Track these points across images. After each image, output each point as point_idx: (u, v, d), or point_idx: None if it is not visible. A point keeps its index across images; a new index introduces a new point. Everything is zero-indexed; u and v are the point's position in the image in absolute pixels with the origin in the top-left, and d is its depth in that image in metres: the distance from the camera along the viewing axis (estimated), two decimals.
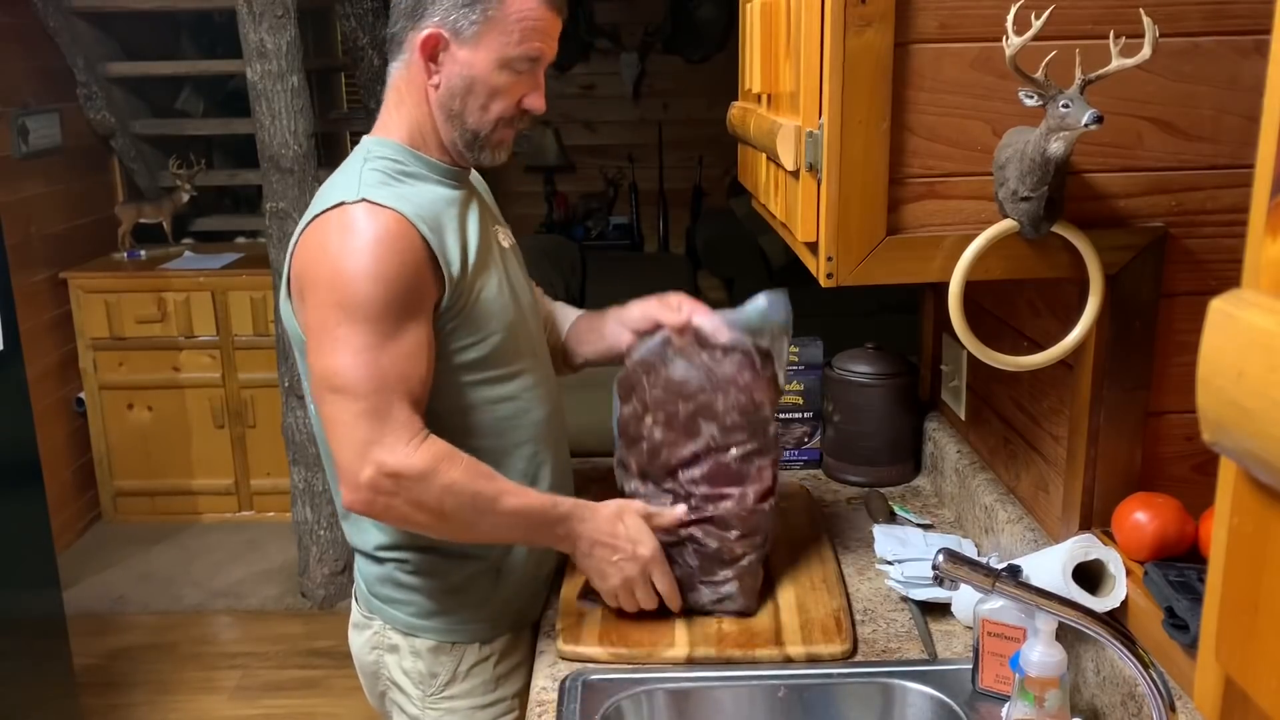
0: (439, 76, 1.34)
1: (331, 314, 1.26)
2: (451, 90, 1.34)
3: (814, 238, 1.22)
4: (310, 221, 1.31)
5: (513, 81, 1.34)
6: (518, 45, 1.32)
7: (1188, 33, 1.14)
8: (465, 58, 1.32)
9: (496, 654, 1.48)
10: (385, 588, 1.46)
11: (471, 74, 1.33)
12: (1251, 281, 0.45)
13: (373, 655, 1.50)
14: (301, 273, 1.31)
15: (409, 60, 1.35)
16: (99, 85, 4.05)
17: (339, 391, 1.26)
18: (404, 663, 1.47)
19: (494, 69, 1.33)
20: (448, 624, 1.45)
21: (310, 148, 3.27)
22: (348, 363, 1.25)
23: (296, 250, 1.32)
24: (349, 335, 1.25)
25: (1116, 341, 1.23)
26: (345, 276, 1.26)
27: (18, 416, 2.49)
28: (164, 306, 3.96)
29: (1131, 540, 1.20)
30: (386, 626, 1.47)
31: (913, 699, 1.32)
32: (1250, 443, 0.42)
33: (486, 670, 1.48)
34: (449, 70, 1.33)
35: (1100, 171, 1.18)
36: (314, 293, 1.28)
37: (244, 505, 4.14)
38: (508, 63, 1.33)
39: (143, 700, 3.09)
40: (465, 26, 1.31)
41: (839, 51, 1.14)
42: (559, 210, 6.05)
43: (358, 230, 1.26)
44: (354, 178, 1.32)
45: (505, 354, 1.40)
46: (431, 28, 1.32)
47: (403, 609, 1.46)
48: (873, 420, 1.89)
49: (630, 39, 5.98)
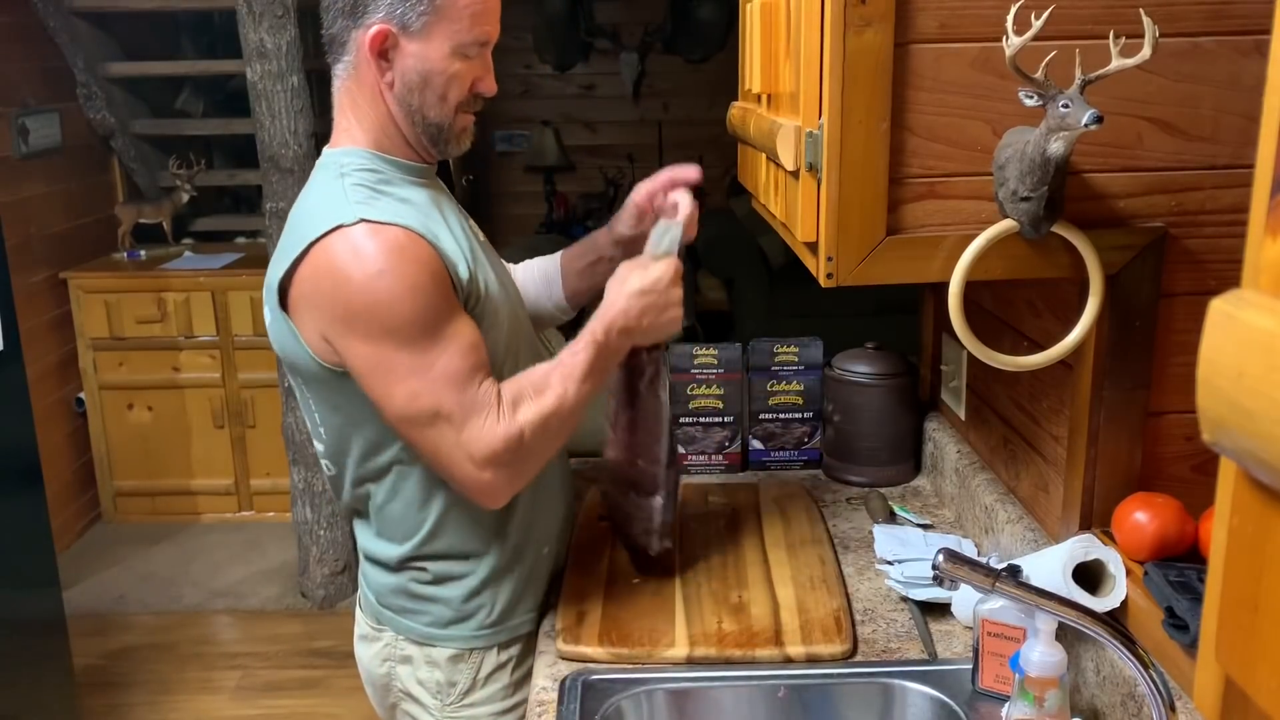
0: (392, 73, 1.30)
1: (384, 345, 1.24)
2: (408, 85, 1.31)
3: (814, 238, 1.22)
4: (310, 246, 1.26)
5: (465, 67, 1.32)
6: (469, 31, 1.30)
7: (1188, 33, 1.14)
8: (417, 50, 1.29)
9: (514, 658, 1.47)
10: (399, 599, 1.45)
11: (426, 66, 1.30)
12: (1251, 281, 0.45)
13: (384, 668, 1.49)
14: (316, 303, 1.27)
15: (355, 61, 1.31)
16: (99, 85, 4.05)
17: (434, 420, 1.26)
18: (419, 673, 1.46)
19: (447, 58, 1.30)
20: (467, 631, 1.44)
21: (310, 148, 3.27)
22: (423, 388, 1.25)
23: (302, 275, 1.28)
24: (410, 361, 1.25)
25: (1116, 341, 1.23)
26: (382, 303, 1.23)
27: (18, 416, 2.49)
28: (164, 306, 3.96)
29: (1131, 540, 1.20)
30: (399, 638, 1.46)
31: (913, 699, 1.32)
32: (1250, 443, 0.42)
33: (505, 675, 1.47)
34: (401, 66, 1.30)
35: (1100, 171, 1.18)
36: (354, 328, 1.25)
37: (244, 505, 4.14)
38: (460, 50, 1.30)
39: (143, 700, 3.09)
40: (413, 19, 1.28)
41: (839, 51, 1.14)
42: (559, 210, 6.05)
43: (371, 254, 1.24)
44: (339, 196, 1.28)
45: (510, 346, 1.40)
46: (378, 24, 1.27)
47: (418, 619, 1.44)
48: (873, 420, 1.89)
49: (630, 39, 5.98)
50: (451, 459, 1.27)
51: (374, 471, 1.38)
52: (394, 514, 1.40)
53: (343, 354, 1.28)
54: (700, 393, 1.94)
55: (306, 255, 1.26)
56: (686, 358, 1.94)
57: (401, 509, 1.39)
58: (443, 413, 1.25)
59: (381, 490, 1.39)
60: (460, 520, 1.40)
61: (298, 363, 1.35)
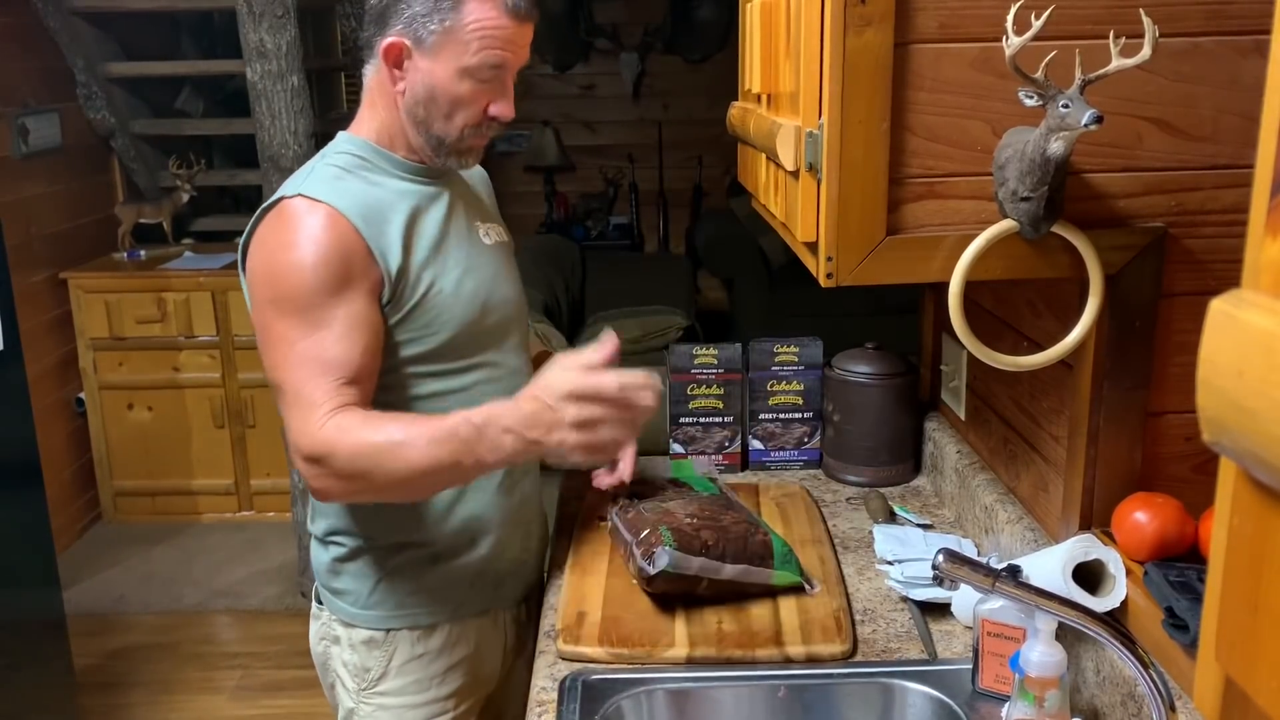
0: (403, 84, 1.36)
1: (267, 312, 1.31)
2: (415, 98, 1.36)
3: (814, 238, 1.22)
4: (257, 219, 1.35)
5: (476, 90, 1.35)
6: (475, 54, 1.33)
7: (1188, 33, 1.14)
8: (426, 66, 1.34)
9: (432, 652, 1.47)
10: (330, 577, 1.48)
11: (432, 83, 1.34)
12: (1251, 281, 0.45)
13: (321, 646, 1.53)
14: (248, 265, 1.35)
15: (378, 65, 1.38)
16: (99, 85, 4.05)
17: (278, 389, 1.30)
18: (344, 655, 1.49)
19: (453, 78, 1.34)
20: (382, 612, 1.46)
21: (310, 148, 3.27)
22: (280, 359, 1.29)
23: (248, 240, 1.36)
24: (283, 331, 1.29)
25: (1116, 341, 1.23)
26: (277, 272, 1.30)
27: (18, 416, 2.49)
28: (164, 306, 3.96)
29: (1131, 540, 1.20)
30: (332, 618, 1.50)
31: (913, 699, 1.32)
32: (1250, 443, 0.42)
33: (420, 668, 1.47)
34: (412, 78, 1.36)
35: (1100, 171, 1.18)
36: (253, 291, 1.33)
37: (244, 505, 4.14)
38: (467, 72, 1.34)
39: (143, 700, 3.09)
40: (425, 36, 1.33)
41: (839, 51, 1.14)
42: (559, 210, 6.05)
43: (289, 226, 1.31)
44: (304, 173, 1.38)
45: (459, 348, 1.40)
46: (395, 36, 1.34)
47: (344, 599, 1.47)
48: (873, 420, 1.89)
49: (630, 39, 5.98)
50: (288, 436, 1.30)
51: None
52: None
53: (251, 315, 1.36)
54: (700, 393, 1.94)
55: (255, 225, 1.35)
56: (686, 358, 1.94)
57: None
58: (286, 390, 1.29)
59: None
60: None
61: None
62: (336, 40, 4.90)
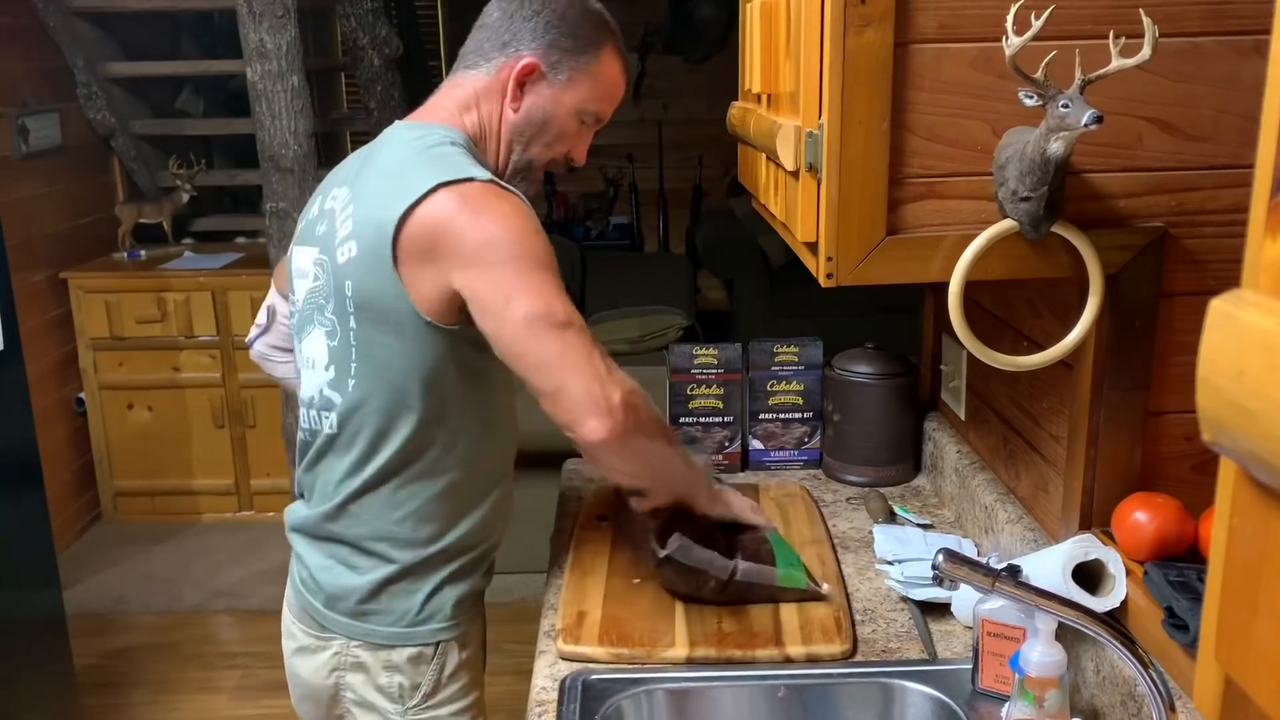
0: (520, 103, 1.39)
1: (522, 264, 1.25)
2: (529, 119, 1.40)
3: (814, 238, 1.22)
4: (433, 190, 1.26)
5: (576, 130, 1.43)
6: (598, 101, 1.42)
7: (1188, 33, 1.14)
8: (551, 95, 1.39)
9: (469, 652, 1.45)
10: (364, 601, 1.40)
11: (552, 110, 1.40)
12: (1251, 281, 0.45)
13: (331, 678, 1.44)
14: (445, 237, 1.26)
15: (494, 77, 1.39)
16: (99, 85, 4.05)
17: (567, 326, 1.25)
18: (378, 680, 1.41)
19: (571, 114, 1.41)
20: (435, 625, 1.40)
21: (310, 148, 3.27)
22: (562, 302, 1.26)
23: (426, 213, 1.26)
24: (547, 280, 1.26)
25: (1116, 341, 1.23)
26: (519, 232, 1.26)
27: (18, 416, 2.49)
28: (164, 306, 3.96)
29: (1131, 540, 1.20)
30: (353, 644, 1.41)
31: (913, 699, 1.32)
32: (1250, 443, 0.42)
33: (465, 672, 1.44)
34: (532, 101, 1.39)
35: (1100, 171, 1.18)
36: (488, 253, 1.25)
37: (244, 505, 4.14)
38: (582, 113, 1.42)
39: (143, 700, 3.09)
40: (562, 68, 1.38)
41: (839, 51, 1.14)
42: (559, 210, 6.05)
43: (504, 199, 1.28)
44: (459, 159, 1.30)
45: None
46: (530, 57, 1.37)
47: (380, 620, 1.40)
48: (873, 420, 1.89)
49: (630, 39, 5.97)
50: (580, 367, 1.24)
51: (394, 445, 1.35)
52: (384, 499, 1.37)
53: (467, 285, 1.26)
54: (700, 393, 1.94)
55: (432, 196, 1.26)
56: (686, 358, 1.94)
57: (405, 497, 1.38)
58: (575, 324, 1.25)
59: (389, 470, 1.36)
60: (449, 512, 1.39)
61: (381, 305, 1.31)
62: (336, 40, 4.91)
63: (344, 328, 1.35)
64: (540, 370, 1.26)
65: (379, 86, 4.07)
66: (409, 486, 1.37)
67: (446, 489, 1.38)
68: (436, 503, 1.38)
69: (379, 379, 1.34)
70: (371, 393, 1.34)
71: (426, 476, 1.37)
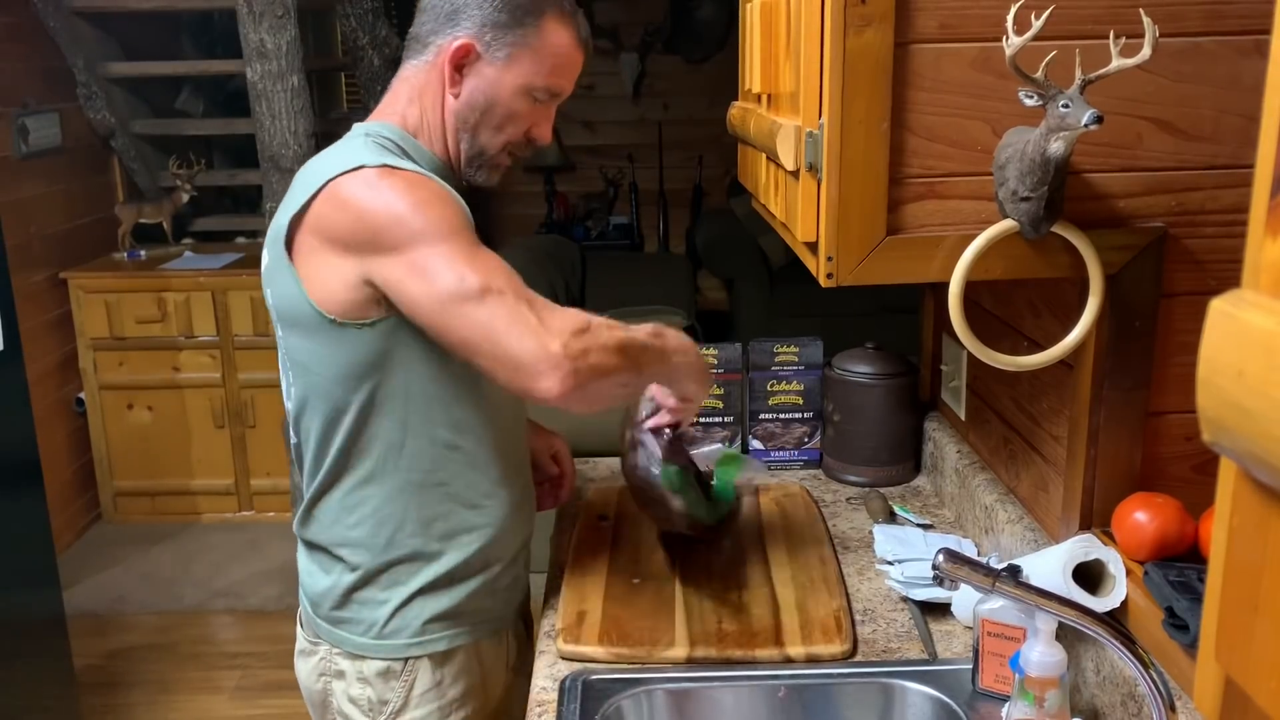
0: (460, 88, 1.32)
1: (421, 241, 1.18)
2: (471, 104, 1.33)
3: (814, 238, 1.22)
4: (326, 184, 1.23)
5: (530, 110, 1.35)
6: (545, 76, 1.34)
7: (1188, 33, 1.13)
8: (492, 75, 1.32)
9: (449, 677, 1.40)
10: (335, 607, 1.39)
11: (494, 93, 1.32)
12: (1251, 281, 0.45)
13: (320, 683, 1.43)
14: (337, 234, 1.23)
15: (432, 64, 1.33)
16: (99, 85, 4.05)
17: (485, 292, 1.16)
18: (351, 690, 1.40)
19: (517, 93, 1.33)
20: (401, 640, 1.37)
21: (310, 148, 3.27)
22: (472, 268, 1.17)
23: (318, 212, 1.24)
24: (453, 248, 1.18)
25: (1116, 341, 1.23)
26: (412, 209, 1.19)
27: (18, 416, 2.49)
28: (164, 306, 3.96)
29: (1131, 540, 1.20)
30: (333, 650, 1.40)
31: (913, 699, 1.32)
32: (1250, 443, 0.42)
33: (438, 695, 1.40)
34: (472, 84, 1.32)
35: (1100, 171, 1.18)
36: (384, 238, 1.20)
37: (244, 505, 4.14)
38: (531, 91, 1.33)
39: (143, 700, 3.09)
40: (499, 46, 1.31)
41: (839, 51, 1.14)
42: (559, 210, 6.05)
43: (394, 178, 1.21)
44: (361, 149, 1.26)
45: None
46: (466, 37, 1.30)
47: (351, 628, 1.38)
48: (873, 420, 1.89)
49: (630, 39, 5.98)
50: (511, 330, 1.15)
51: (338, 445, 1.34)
52: (337, 503, 1.36)
53: (375, 275, 1.22)
54: None
55: (321, 193, 1.24)
56: None
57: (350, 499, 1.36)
58: (493, 288, 1.17)
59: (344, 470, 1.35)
60: (416, 516, 1.35)
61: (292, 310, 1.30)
62: (336, 40, 4.90)
63: (278, 337, 1.37)
64: (470, 347, 1.19)
65: (379, 86, 4.06)
66: (362, 490, 1.35)
67: (401, 490, 1.34)
68: (391, 505, 1.35)
69: (308, 384, 1.33)
70: (306, 398, 1.34)
71: (377, 479, 1.34)
